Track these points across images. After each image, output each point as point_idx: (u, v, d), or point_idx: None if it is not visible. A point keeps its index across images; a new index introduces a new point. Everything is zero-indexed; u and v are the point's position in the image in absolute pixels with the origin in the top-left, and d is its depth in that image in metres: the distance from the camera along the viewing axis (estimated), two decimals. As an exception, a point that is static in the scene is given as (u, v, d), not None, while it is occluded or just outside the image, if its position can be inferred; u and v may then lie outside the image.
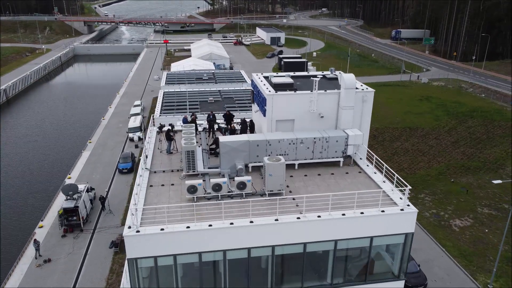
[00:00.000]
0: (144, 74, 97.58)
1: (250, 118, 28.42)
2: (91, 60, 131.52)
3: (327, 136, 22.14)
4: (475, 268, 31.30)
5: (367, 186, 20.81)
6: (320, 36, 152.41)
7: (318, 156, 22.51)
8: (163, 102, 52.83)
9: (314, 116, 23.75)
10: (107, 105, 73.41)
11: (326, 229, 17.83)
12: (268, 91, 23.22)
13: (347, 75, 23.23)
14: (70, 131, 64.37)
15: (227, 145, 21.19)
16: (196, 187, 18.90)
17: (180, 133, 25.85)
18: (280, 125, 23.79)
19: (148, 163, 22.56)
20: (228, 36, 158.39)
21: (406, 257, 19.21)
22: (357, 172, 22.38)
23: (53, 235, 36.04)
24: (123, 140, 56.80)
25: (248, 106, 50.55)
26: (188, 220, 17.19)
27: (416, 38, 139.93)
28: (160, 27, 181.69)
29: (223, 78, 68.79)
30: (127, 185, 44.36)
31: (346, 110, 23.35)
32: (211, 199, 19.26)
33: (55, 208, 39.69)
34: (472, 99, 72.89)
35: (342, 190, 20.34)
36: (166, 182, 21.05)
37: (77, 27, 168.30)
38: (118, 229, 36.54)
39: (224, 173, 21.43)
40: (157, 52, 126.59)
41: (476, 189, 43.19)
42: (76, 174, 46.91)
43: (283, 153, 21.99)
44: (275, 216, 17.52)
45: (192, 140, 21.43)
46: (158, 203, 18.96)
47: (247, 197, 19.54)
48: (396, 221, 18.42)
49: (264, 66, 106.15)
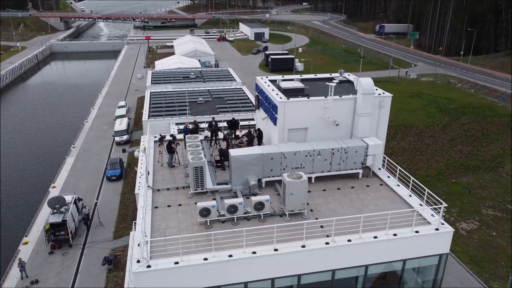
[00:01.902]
0: (126, 72, 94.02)
1: (255, 127, 26.56)
2: (69, 58, 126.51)
3: (345, 146, 20.42)
4: (487, 275, 30.30)
5: (393, 201, 19.23)
6: (304, 31, 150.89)
7: (336, 168, 20.80)
8: (151, 104, 50.22)
9: (328, 124, 22.02)
10: (90, 106, 69.98)
11: (356, 254, 16.14)
12: (279, 98, 21.33)
13: (365, 79, 21.56)
14: (51, 136, 60.82)
15: (238, 159, 19.24)
16: (210, 210, 16.92)
17: (177, 142, 23.75)
18: (292, 134, 21.97)
19: (150, 180, 20.38)
20: (210, 32, 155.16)
21: (440, 280, 17.72)
22: (378, 185, 20.78)
23: (39, 252, 33.29)
24: (109, 144, 53.88)
25: (241, 106, 48.56)
26: (204, 250, 15.21)
27: (399, 33, 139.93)
28: (140, 22, 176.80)
29: (211, 76, 66.33)
30: (117, 194, 41.75)
31: (364, 117, 21.68)
32: (225, 222, 17.35)
33: (39, 221, 36.86)
34: (462, 95, 72.59)
35: (367, 206, 18.71)
36: (172, 202, 18.97)
37: (53, 23, 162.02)
38: (110, 243, 34.05)
39: (236, 190, 19.50)
40: (139, 49, 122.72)
41: (477, 189, 42.38)
42: (60, 182, 43.95)
43: (299, 166, 20.19)
44: (301, 242, 15.72)
45: (199, 154, 19.40)
46: (167, 228, 16.91)
47: (265, 217, 17.68)
48: (430, 241, 16.90)
49: (249, 62, 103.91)
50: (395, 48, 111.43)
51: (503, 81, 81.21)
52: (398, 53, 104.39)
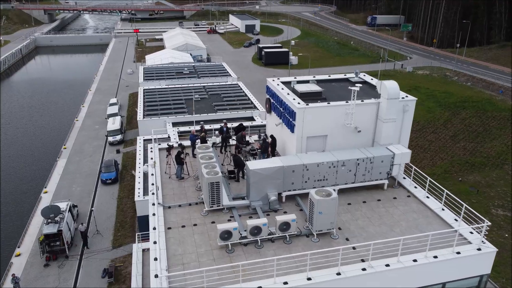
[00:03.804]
0: (116, 67, 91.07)
1: (266, 131, 24.86)
2: (54, 52, 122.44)
3: (371, 156, 18.91)
4: (504, 280, 29.43)
5: (425, 216, 17.85)
6: (295, 23, 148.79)
7: (360, 179, 19.31)
8: (145, 102, 48.11)
9: (349, 130, 20.48)
10: (79, 103, 67.33)
11: (395, 279, 14.71)
12: (298, 104, 19.68)
13: (390, 83, 20.00)
14: (40, 136, 58.04)
15: (257, 173, 17.59)
16: (231, 233, 15.31)
17: (187, 152, 21.96)
18: (310, 143, 20.40)
19: (160, 197, 18.61)
20: (200, 24, 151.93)
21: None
22: (405, 197, 19.37)
23: (34, 264, 31.34)
24: (102, 145, 51.67)
25: (239, 104, 46.90)
26: (230, 282, 13.58)
27: (391, 24, 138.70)
28: (127, 15, 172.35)
29: (205, 71, 64.31)
30: (113, 198, 39.83)
31: (388, 123, 20.18)
32: (248, 244, 15.76)
33: (32, 230, 34.83)
34: (460, 88, 71.81)
35: (398, 223, 17.30)
36: (186, 221, 17.28)
37: (37, 16, 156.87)
38: (109, 253, 32.28)
39: (254, 206, 17.89)
40: (127, 42, 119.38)
41: (485, 188, 41.55)
42: (52, 187, 41.78)
43: (321, 178, 18.65)
44: (335, 269, 14.22)
45: (215, 168, 17.69)
46: (184, 254, 15.25)
47: (291, 238, 16.13)
48: (472, 262, 15.64)
49: (242, 56, 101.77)
50: (388, 40, 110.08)
51: (499, 74, 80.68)
52: (391, 45, 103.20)
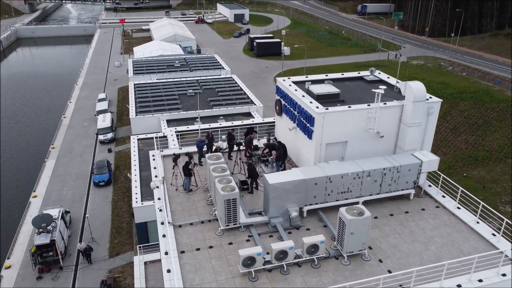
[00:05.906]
0: (102, 60, 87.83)
1: (274, 133, 23.17)
2: (36, 44, 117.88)
3: (398, 165, 17.42)
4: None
5: (459, 230, 16.51)
6: (284, 12, 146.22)
7: (386, 190, 17.85)
8: (136, 98, 45.83)
9: (370, 136, 18.94)
10: (66, 99, 64.48)
11: (438, 307, 13.37)
12: (316, 108, 18.02)
13: (415, 84, 18.46)
14: (26, 135, 55.10)
15: (277, 187, 15.96)
16: (255, 259, 13.70)
17: (195, 162, 20.18)
18: (330, 150, 18.81)
19: (169, 215, 16.83)
20: (187, 14, 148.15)
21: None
22: (434, 207, 17.98)
23: (26, 277, 29.39)
24: (92, 143, 49.32)
25: (235, 99, 45.07)
26: (260, 319, 12.05)
27: (382, 13, 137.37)
28: (111, 4, 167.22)
29: (197, 64, 62.00)
30: (107, 202, 37.87)
31: (413, 127, 18.70)
32: (272, 270, 14.19)
33: (22, 239, 32.77)
34: (456, 79, 70.97)
35: (432, 239, 15.92)
36: (200, 242, 15.58)
37: (17, 5, 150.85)
38: (106, 262, 30.49)
39: (274, 224, 16.30)
40: (113, 33, 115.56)
41: (491, 184, 40.74)
42: (42, 191, 39.53)
43: (345, 190, 17.13)
44: (374, 298, 12.79)
45: (230, 182, 15.99)
46: (203, 284, 13.59)
47: (319, 261, 14.61)
48: (517, 284, 14.30)
49: (232, 47, 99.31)
50: (379, 29, 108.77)
51: (493, 63, 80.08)
52: (384, 35, 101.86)
